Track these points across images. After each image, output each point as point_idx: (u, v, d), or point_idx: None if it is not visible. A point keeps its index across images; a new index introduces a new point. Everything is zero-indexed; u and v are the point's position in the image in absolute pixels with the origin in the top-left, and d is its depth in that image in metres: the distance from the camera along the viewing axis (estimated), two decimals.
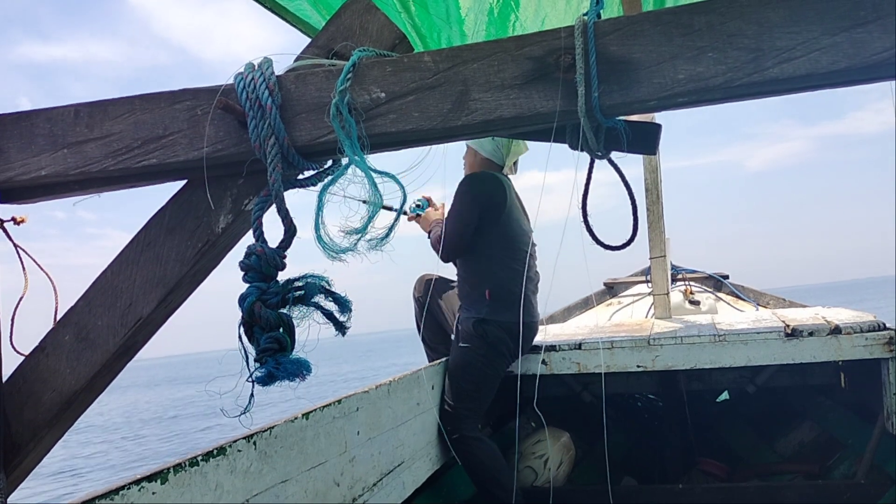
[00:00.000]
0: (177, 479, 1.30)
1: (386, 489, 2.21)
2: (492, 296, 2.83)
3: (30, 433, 1.19)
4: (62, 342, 1.21)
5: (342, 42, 1.22)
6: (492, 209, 2.84)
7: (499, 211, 2.83)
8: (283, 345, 1.11)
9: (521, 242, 2.95)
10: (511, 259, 2.87)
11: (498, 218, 2.83)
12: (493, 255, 2.84)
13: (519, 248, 2.93)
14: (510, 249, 2.87)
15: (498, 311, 2.82)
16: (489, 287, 2.84)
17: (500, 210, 2.83)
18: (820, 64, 0.99)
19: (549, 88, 1.09)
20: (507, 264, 2.85)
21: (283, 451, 1.65)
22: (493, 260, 2.84)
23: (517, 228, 2.93)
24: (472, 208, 2.83)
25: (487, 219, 2.84)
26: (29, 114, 1.22)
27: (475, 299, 2.88)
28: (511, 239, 2.88)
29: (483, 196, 2.84)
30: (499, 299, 2.82)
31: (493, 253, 2.84)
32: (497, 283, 2.83)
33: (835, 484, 2.81)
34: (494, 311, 2.82)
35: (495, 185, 2.87)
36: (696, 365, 2.88)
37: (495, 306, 2.82)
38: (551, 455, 3.11)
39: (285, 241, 1.17)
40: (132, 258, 1.21)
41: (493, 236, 2.84)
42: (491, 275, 2.84)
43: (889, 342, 2.69)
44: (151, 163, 1.19)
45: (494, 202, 2.84)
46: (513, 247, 2.89)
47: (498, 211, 2.83)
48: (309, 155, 1.18)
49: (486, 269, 2.85)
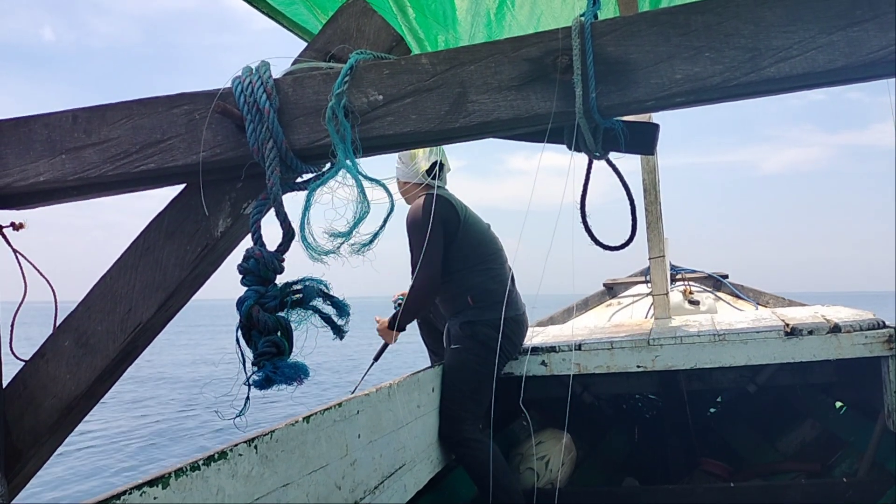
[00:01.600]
0: (178, 484, 1.29)
1: (387, 492, 2.20)
2: (475, 300, 2.88)
3: (31, 439, 1.19)
4: (62, 348, 1.21)
5: (339, 45, 1.22)
6: (449, 230, 2.88)
7: (455, 228, 2.88)
8: (280, 349, 1.10)
9: (485, 242, 3.00)
10: (482, 262, 2.93)
11: (456, 234, 2.88)
12: (464, 266, 2.90)
13: (486, 248, 2.98)
14: (478, 255, 2.93)
15: (483, 311, 2.87)
16: (470, 294, 2.89)
17: (457, 227, 2.88)
18: (817, 63, 0.99)
19: (546, 89, 1.09)
20: (480, 268, 2.91)
21: (284, 454, 1.65)
22: (465, 270, 2.90)
23: (477, 233, 2.98)
24: (432, 238, 2.81)
25: (449, 239, 2.88)
26: (27, 119, 1.22)
27: (459, 308, 2.93)
28: (476, 245, 2.93)
29: (435, 220, 2.81)
30: (481, 302, 2.88)
31: (464, 265, 2.90)
32: (476, 288, 2.89)
33: (836, 482, 2.81)
34: (480, 312, 2.87)
35: (442, 206, 2.87)
36: (696, 365, 2.88)
37: (480, 309, 2.88)
38: (552, 456, 3.11)
39: (283, 244, 1.17)
40: (131, 263, 1.21)
41: (459, 251, 2.89)
42: (468, 283, 2.89)
43: (889, 340, 2.69)
44: (150, 167, 1.19)
45: (450, 223, 2.87)
46: (480, 251, 2.94)
47: (455, 228, 2.88)
48: (307, 158, 1.18)
49: (462, 280, 2.90)
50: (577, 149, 1.29)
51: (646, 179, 3.82)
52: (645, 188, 3.84)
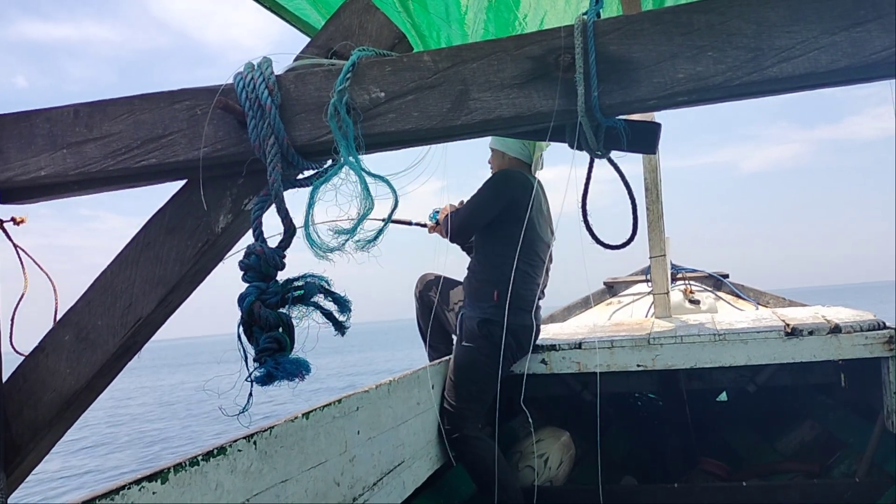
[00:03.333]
0: (177, 479, 1.30)
1: (386, 489, 2.21)
2: (500, 297, 2.80)
3: (30, 433, 1.19)
4: (62, 342, 1.21)
5: (341, 41, 1.22)
6: (514, 208, 2.81)
7: (521, 211, 2.78)
8: (282, 345, 1.10)
9: (538, 248, 2.93)
10: (525, 263, 2.85)
11: (519, 218, 2.76)
12: (507, 255, 2.79)
13: (535, 252, 2.91)
14: (526, 253, 2.83)
15: (504, 313, 2.77)
16: (498, 288, 2.81)
17: (523, 211, 2.78)
18: (819, 63, 0.99)
19: (548, 88, 1.09)
20: (519, 267, 2.79)
21: (283, 450, 1.65)
22: (506, 260, 2.78)
23: (537, 234, 2.92)
24: (494, 201, 2.82)
25: (508, 217, 2.82)
26: (28, 114, 1.22)
27: (481, 297, 2.86)
28: (528, 243, 2.83)
29: (509, 192, 2.82)
30: (506, 302, 2.77)
31: (508, 253, 2.79)
32: (506, 285, 2.76)
33: (835, 483, 2.82)
34: (501, 313, 2.78)
35: (524, 185, 2.85)
36: (696, 364, 2.88)
37: (502, 308, 2.78)
38: (551, 454, 3.12)
39: (285, 240, 1.17)
40: (132, 258, 1.21)
41: (511, 236, 2.79)
42: (501, 275, 2.79)
43: (889, 341, 2.69)
44: (151, 163, 1.19)
45: (518, 201, 2.81)
46: (529, 251, 2.86)
47: (520, 211, 2.79)
48: (308, 155, 1.18)
49: (498, 268, 2.82)
50: (578, 147, 1.28)
51: (647, 178, 3.82)
52: (646, 187, 3.84)
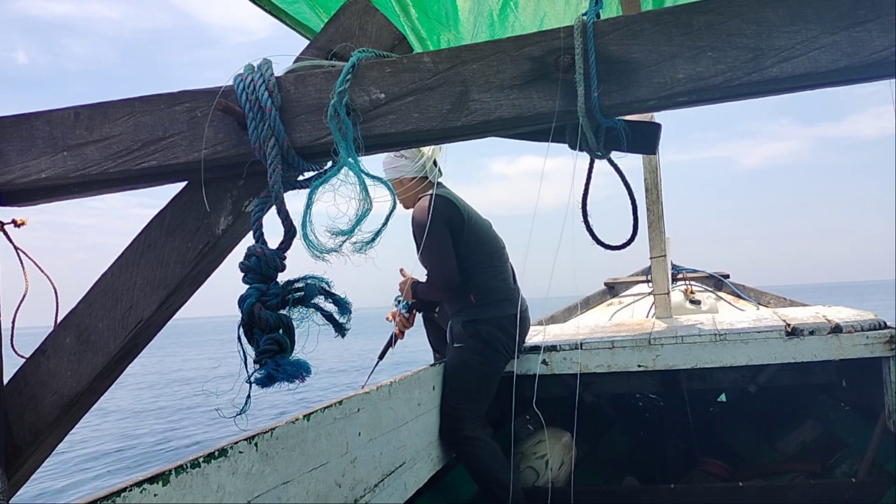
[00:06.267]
0: (178, 481, 1.30)
1: (387, 490, 2.21)
2: (477, 298, 2.90)
3: (31, 436, 1.19)
4: (63, 344, 1.21)
5: (341, 43, 1.22)
6: (455, 229, 2.89)
7: (461, 227, 2.89)
8: (282, 346, 1.10)
9: (488, 240, 3.02)
10: (485, 259, 2.95)
11: (462, 234, 2.89)
12: (468, 265, 2.90)
13: (488, 246, 3.00)
14: (482, 253, 2.95)
15: (485, 309, 2.89)
16: (473, 292, 2.91)
17: (462, 226, 2.89)
18: (819, 63, 0.99)
19: (548, 88, 1.09)
20: (483, 266, 2.92)
21: (284, 452, 1.65)
22: (469, 269, 2.90)
23: (480, 231, 3.00)
24: (441, 236, 2.84)
25: (454, 239, 2.89)
26: (28, 116, 1.22)
27: (462, 305, 2.95)
28: (480, 243, 2.95)
29: (440, 221, 2.84)
30: (484, 299, 2.90)
31: (468, 263, 2.91)
32: (479, 285, 2.90)
33: (836, 483, 2.81)
34: (482, 310, 2.89)
35: (445, 204, 2.87)
36: (697, 364, 2.88)
37: (482, 307, 2.89)
38: (552, 455, 3.11)
39: (285, 242, 1.17)
40: (133, 260, 1.21)
41: (463, 249, 2.90)
42: (471, 281, 2.90)
43: (890, 341, 2.69)
44: (151, 164, 1.19)
45: (451, 219, 2.88)
46: (483, 249, 2.96)
47: (460, 228, 2.89)
48: (309, 156, 1.18)
49: (466, 278, 2.90)
50: (579, 148, 1.28)
51: (648, 179, 3.82)
52: (647, 187, 3.84)
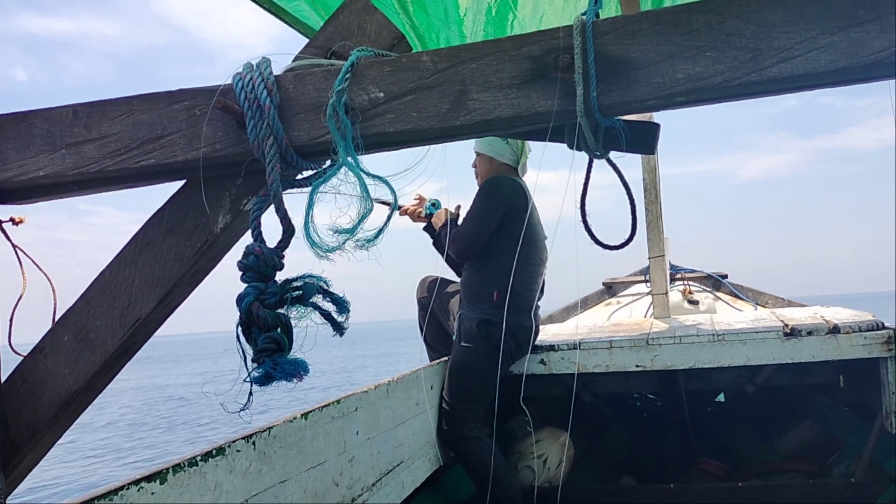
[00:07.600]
0: (175, 480, 1.29)
1: (385, 489, 2.21)
2: (499, 298, 2.81)
3: (28, 434, 1.19)
4: (61, 343, 1.21)
5: (340, 42, 1.22)
6: (512, 214, 2.85)
7: (519, 215, 2.84)
8: (280, 345, 1.10)
9: (537, 248, 2.98)
10: (524, 264, 2.87)
11: (517, 221, 2.83)
12: (507, 257, 2.81)
13: (535, 252, 2.96)
14: (525, 255, 2.86)
15: (503, 313, 2.78)
16: (497, 289, 2.83)
17: (521, 215, 2.84)
18: (818, 63, 0.99)
19: (547, 88, 1.09)
20: (519, 268, 2.80)
21: (282, 451, 1.65)
22: (506, 262, 2.80)
23: (534, 235, 2.97)
24: (493, 212, 2.84)
25: (507, 222, 2.85)
26: (27, 114, 1.22)
27: (481, 299, 2.87)
28: (528, 244, 2.87)
29: (505, 201, 2.85)
30: (506, 302, 2.78)
31: (508, 255, 2.81)
32: (505, 285, 2.76)
33: (834, 483, 2.82)
34: (500, 313, 2.79)
35: (517, 191, 2.89)
36: (694, 364, 2.88)
37: (501, 309, 2.79)
38: (550, 454, 3.11)
39: (283, 241, 1.17)
40: (131, 258, 1.21)
41: (511, 240, 2.83)
42: (501, 277, 2.79)
43: (888, 341, 2.69)
44: (150, 163, 1.19)
45: (516, 207, 2.86)
46: (528, 252, 2.89)
47: (518, 214, 2.84)
48: (308, 155, 1.18)
49: (498, 270, 2.83)
50: (577, 148, 1.29)
51: (646, 179, 3.82)
52: (645, 187, 3.84)
